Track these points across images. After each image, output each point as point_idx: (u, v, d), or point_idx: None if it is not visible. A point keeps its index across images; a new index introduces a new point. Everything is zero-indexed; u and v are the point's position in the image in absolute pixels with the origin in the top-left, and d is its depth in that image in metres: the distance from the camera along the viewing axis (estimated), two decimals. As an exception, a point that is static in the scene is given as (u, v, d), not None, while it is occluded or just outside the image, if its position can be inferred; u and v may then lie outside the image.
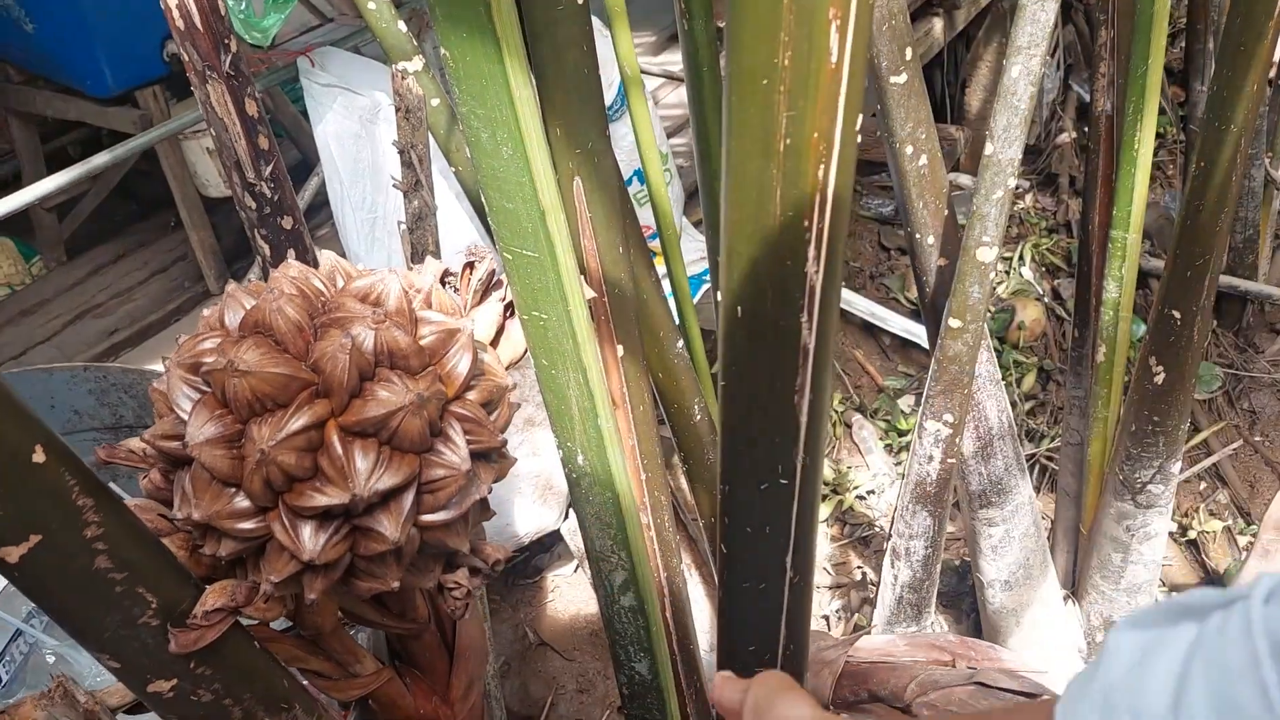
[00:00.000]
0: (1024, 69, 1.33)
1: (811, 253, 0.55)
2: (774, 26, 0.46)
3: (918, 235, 1.67)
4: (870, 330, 3.66)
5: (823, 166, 0.51)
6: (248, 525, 0.69)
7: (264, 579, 0.71)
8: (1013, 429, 1.99)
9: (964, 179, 4.40)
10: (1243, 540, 3.02)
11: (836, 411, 3.32)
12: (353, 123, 2.42)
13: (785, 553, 0.78)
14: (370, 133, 2.38)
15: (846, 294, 3.53)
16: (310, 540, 0.69)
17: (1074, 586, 2.39)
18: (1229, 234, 3.90)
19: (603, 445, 0.95)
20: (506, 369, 0.94)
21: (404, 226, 1.31)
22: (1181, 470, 2.50)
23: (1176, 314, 1.82)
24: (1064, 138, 4.57)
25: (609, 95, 1.96)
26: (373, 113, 2.37)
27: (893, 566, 1.94)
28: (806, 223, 0.54)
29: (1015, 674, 1.16)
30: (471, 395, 0.76)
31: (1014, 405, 3.37)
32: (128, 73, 2.76)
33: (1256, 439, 3.37)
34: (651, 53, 3.49)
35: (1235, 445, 3.29)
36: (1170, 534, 2.89)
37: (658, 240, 1.72)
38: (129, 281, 3.06)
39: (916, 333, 3.53)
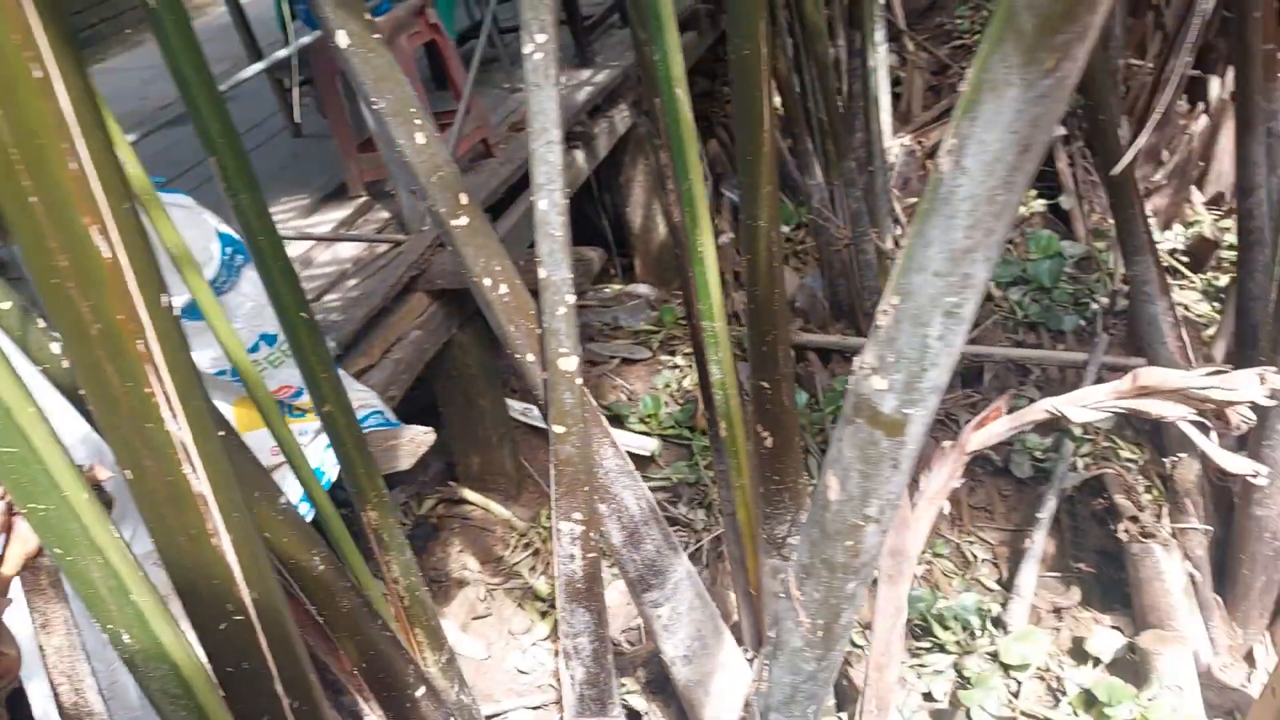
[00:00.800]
0: (550, 202, 1.52)
1: (166, 413, 0.64)
2: (40, 237, 0.56)
3: (518, 355, 1.82)
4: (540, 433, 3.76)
5: (142, 340, 0.61)
6: None
7: None
8: (656, 513, 2.16)
9: (641, 288, 4.72)
10: (919, 570, 3.34)
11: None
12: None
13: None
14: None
15: (518, 405, 3.67)
16: None
17: (758, 645, 2.57)
18: (860, 303, 4.37)
19: (144, 620, 0.99)
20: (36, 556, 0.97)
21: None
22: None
23: (766, 385, 2.06)
24: (722, 239, 5.00)
25: (212, 268, 2.02)
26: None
27: (568, 667, 2.03)
28: (148, 389, 0.63)
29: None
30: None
31: (706, 486, 3.60)
32: None
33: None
34: (304, 214, 3.57)
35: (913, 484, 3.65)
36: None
37: (304, 397, 1.78)
38: None
39: (650, 447, 3.72)
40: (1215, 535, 2.94)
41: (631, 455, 3.71)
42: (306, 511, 2.24)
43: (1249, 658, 2.96)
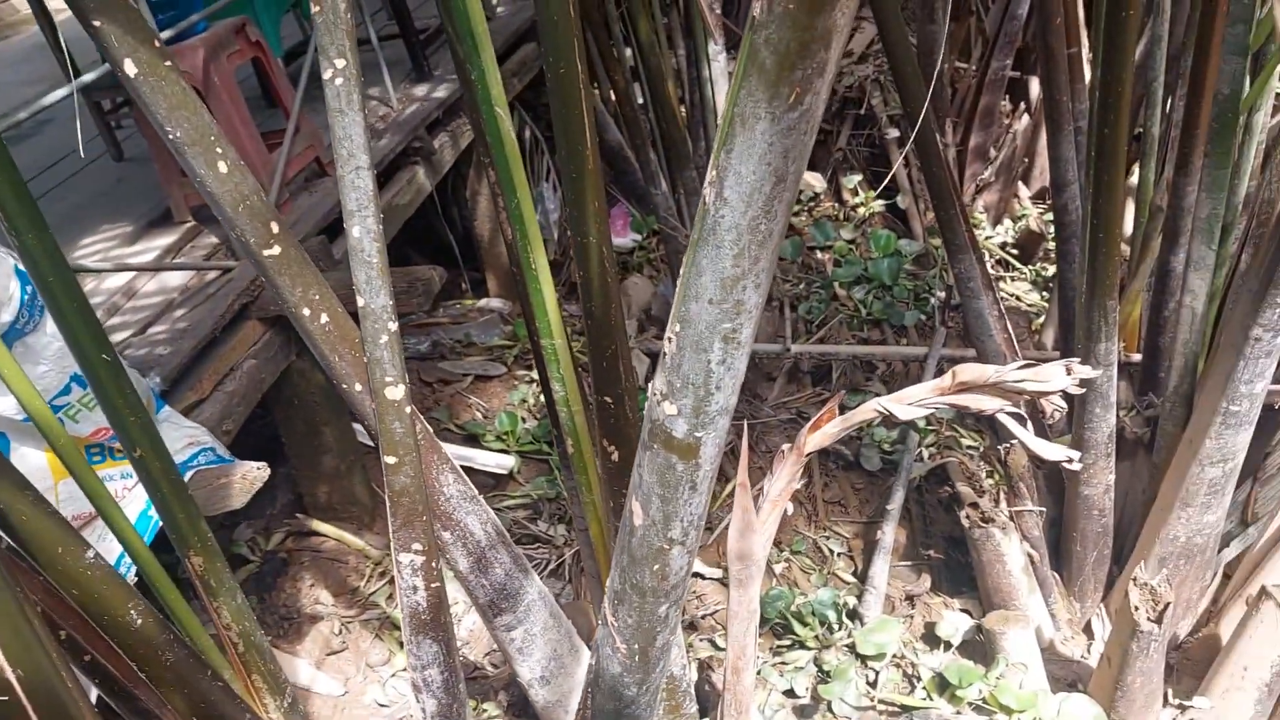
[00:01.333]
0: (363, 229, 1.48)
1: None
2: None
3: (344, 385, 1.76)
4: (469, 472, 3.69)
5: None
6: None
7: None
8: (504, 536, 2.13)
9: (493, 303, 4.67)
10: (778, 569, 3.40)
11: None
12: None
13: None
14: None
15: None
16: None
17: (618, 661, 2.56)
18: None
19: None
20: None
21: None
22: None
23: (609, 399, 2.05)
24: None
25: (11, 309, 1.90)
26: None
27: (419, 700, 1.98)
28: None
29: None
30: None
31: (566, 501, 3.58)
32: None
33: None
34: (127, 242, 3.40)
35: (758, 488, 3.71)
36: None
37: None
38: None
39: (507, 464, 3.66)
40: (1049, 515, 3.09)
41: (489, 474, 3.67)
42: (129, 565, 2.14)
43: (1088, 630, 3.12)
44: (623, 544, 0.92)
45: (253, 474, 2.31)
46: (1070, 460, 1.91)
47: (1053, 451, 1.92)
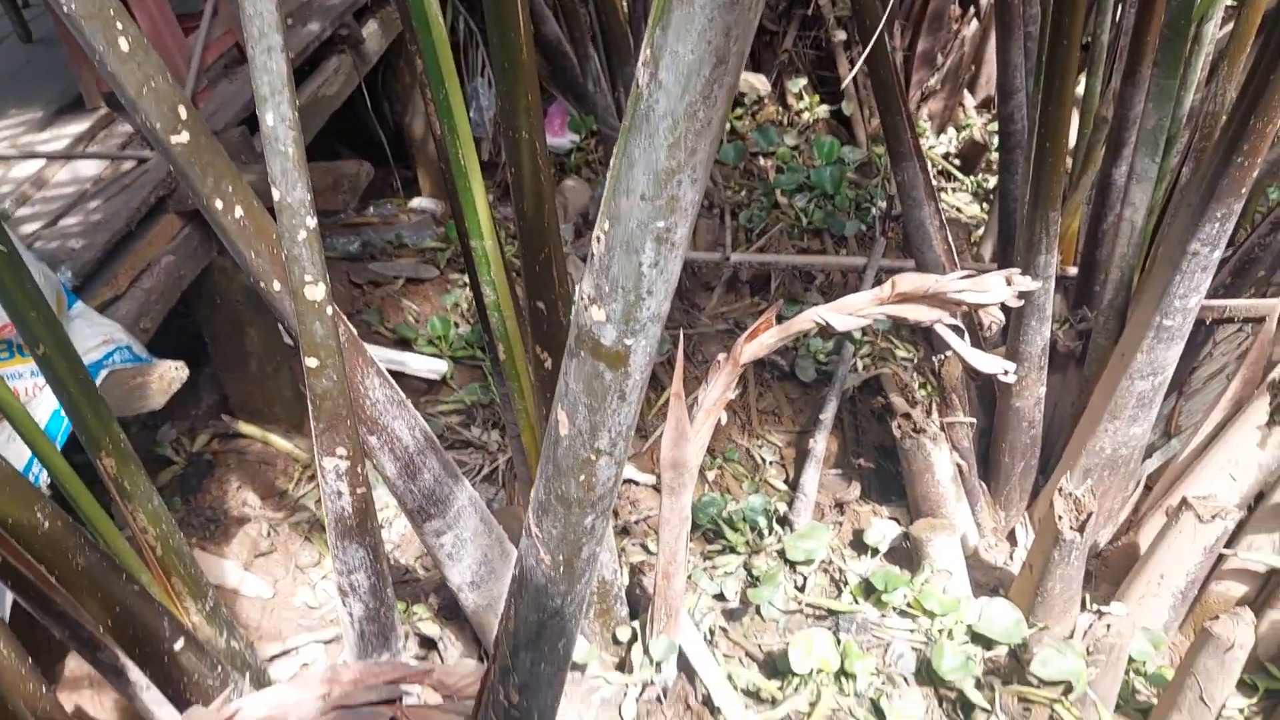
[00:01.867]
0: (277, 115, 1.38)
1: None
2: None
3: (262, 284, 1.68)
4: (399, 377, 3.59)
5: None
6: None
7: None
8: (433, 441, 2.08)
9: (425, 203, 4.53)
10: (710, 475, 3.41)
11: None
12: None
13: None
14: None
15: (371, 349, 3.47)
16: None
17: (549, 566, 2.55)
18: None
19: None
20: None
21: None
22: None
23: (541, 304, 1.99)
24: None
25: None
26: None
27: (345, 604, 1.95)
28: None
29: (386, 684, 1.21)
30: None
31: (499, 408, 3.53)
32: None
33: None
34: (36, 129, 3.21)
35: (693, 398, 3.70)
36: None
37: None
38: None
39: (439, 369, 3.58)
40: (980, 426, 3.13)
41: (421, 379, 3.60)
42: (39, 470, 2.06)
43: (1011, 538, 3.19)
44: (547, 454, 0.87)
45: (171, 374, 2.22)
46: (1006, 373, 1.91)
47: (988, 363, 1.91)
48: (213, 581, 2.31)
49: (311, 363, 1.63)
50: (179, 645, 1.73)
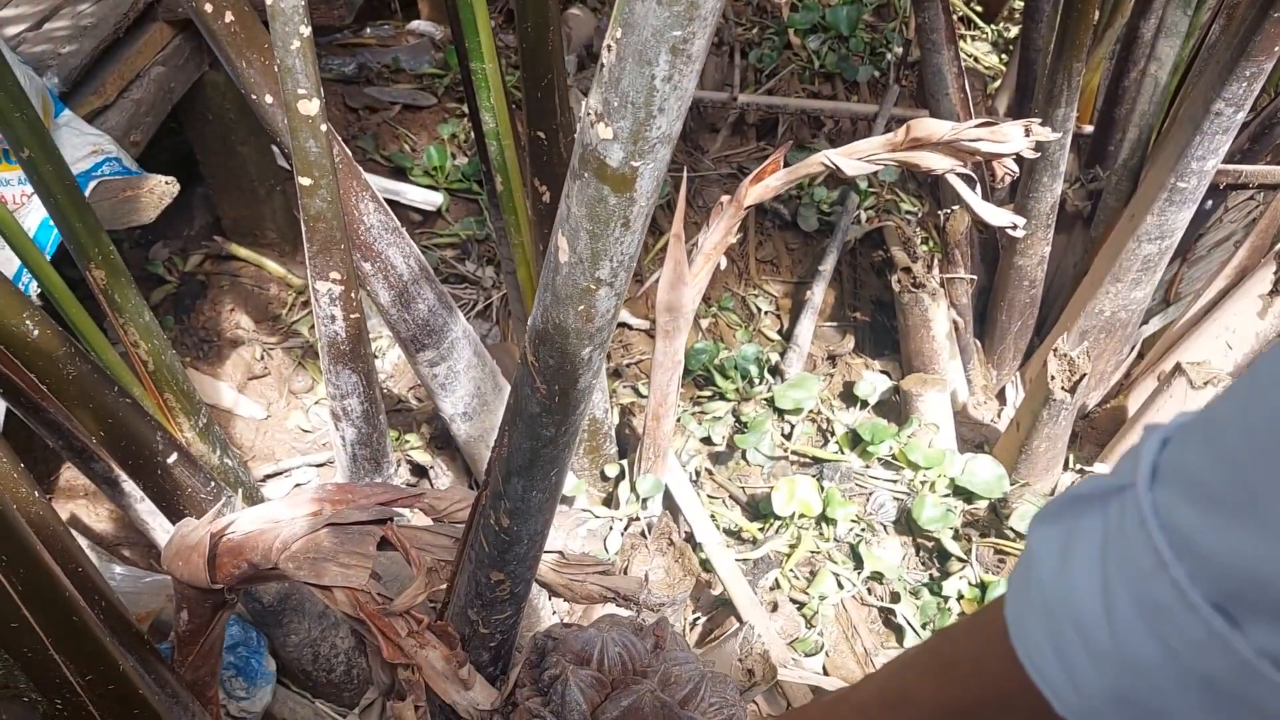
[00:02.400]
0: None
1: None
2: None
3: (254, 96, 1.62)
4: (394, 207, 3.53)
5: None
6: None
7: None
8: (427, 271, 2.06)
9: (424, 26, 4.37)
10: (705, 323, 3.40)
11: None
12: None
13: None
14: None
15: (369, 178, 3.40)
16: None
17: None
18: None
19: None
20: None
21: None
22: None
23: (542, 134, 1.93)
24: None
25: None
26: None
27: (338, 429, 1.97)
28: None
29: (378, 505, 1.22)
30: None
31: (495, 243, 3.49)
32: None
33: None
34: None
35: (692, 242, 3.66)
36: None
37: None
38: None
39: (435, 201, 3.51)
40: (980, 283, 3.10)
41: (417, 210, 3.55)
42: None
43: (1001, 396, 3.21)
44: (546, 281, 0.85)
45: (161, 188, 2.16)
46: (1014, 226, 1.87)
47: (998, 216, 1.87)
48: (207, 401, 2.32)
49: (305, 181, 1.59)
50: (172, 459, 1.74)
